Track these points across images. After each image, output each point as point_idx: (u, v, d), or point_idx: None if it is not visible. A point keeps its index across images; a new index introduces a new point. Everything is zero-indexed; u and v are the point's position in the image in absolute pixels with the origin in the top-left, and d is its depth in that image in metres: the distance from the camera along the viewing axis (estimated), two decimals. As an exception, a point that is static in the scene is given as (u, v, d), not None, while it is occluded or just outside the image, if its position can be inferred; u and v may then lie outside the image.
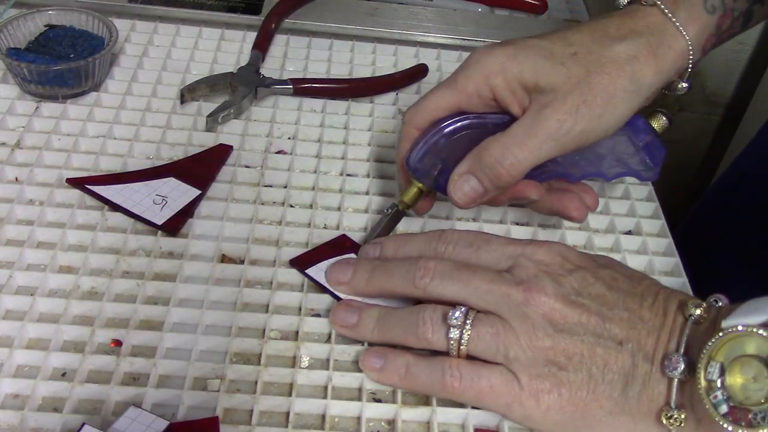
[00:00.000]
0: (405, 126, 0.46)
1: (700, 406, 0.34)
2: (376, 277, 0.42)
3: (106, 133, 0.53)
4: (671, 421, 0.35)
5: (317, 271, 0.45)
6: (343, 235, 0.47)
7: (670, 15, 0.43)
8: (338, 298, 0.44)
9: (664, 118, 0.46)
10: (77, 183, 0.48)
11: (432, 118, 0.45)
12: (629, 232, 0.52)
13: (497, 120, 0.45)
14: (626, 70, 0.42)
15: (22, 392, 0.38)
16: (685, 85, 0.45)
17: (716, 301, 0.37)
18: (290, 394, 0.39)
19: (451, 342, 0.38)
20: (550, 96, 0.42)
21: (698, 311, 0.36)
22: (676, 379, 0.35)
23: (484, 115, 0.45)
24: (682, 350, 0.36)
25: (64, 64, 0.53)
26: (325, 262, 0.45)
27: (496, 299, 0.38)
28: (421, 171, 0.45)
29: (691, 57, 0.44)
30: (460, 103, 0.44)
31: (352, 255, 0.46)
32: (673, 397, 0.35)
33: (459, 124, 0.45)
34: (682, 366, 0.35)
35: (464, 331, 0.38)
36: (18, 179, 0.49)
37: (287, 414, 0.39)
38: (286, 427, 0.38)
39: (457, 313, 0.38)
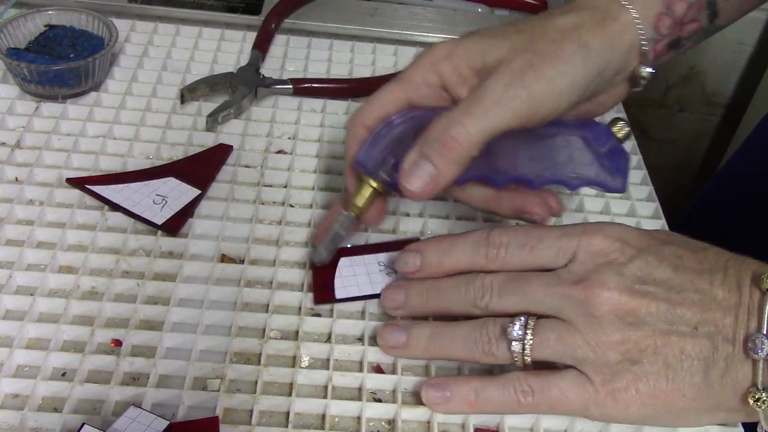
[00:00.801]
0: (352, 128, 0.42)
1: None
2: (431, 299, 0.41)
3: (106, 133, 0.53)
4: (759, 403, 0.34)
5: (344, 290, 0.44)
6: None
7: None
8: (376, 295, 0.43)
9: (625, 127, 0.44)
10: (77, 183, 0.48)
11: (381, 115, 0.42)
12: (629, 232, 0.52)
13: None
14: (572, 36, 0.40)
15: (22, 392, 0.38)
16: (648, 70, 0.43)
17: None
18: (290, 394, 0.39)
19: (515, 354, 0.37)
20: (496, 67, 0.40)
21: None
22: (762, 361, 0.34)
23: (436, 109, 0.41)
24: (765, 329, 0.34)
25: (64, 64, 0.53)
26: (343, 278, 0.44)
27: (556, 303, 0.37)
28: (371, 166, 0.41)
29: (641, 32, 0.42)
30: (408, 97, 0.42)
31: (354, 258, 0.46)
32: (759, 378, 0.34)
33: (409, 115, 0.41)
34: (767, 347, 0.34)
35: (525, 341, 0.37)
36: (18, 179, 0.49)
37: (287, 414, 0.39)
38: (286, 426, 0.38)
39: (516, 326, 0.37)
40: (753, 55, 1.20)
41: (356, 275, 0.45)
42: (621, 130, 0.43)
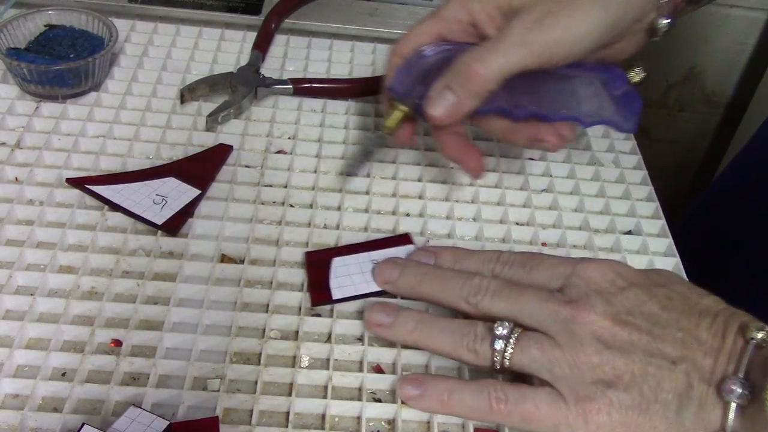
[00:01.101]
0: (390, 56, 0.47)
1: (763, 431, 0.33)
2: (426, 282, 0.42)
3: (106, 133, 0.53)
4: None
5: (340, 290, 0.44)
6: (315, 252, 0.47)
7: None
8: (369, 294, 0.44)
9: (641, 72, 0.47)
10: (77, 183, 0.48)
11: (416, 45, 0.46)
12: (629, 232, 0.52)
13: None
14: None
15: (22, 392, 0.38)
16: (666, 21, 0.45)
17: None
18: (290, 394, 0.39)
19: (496, 353, 0.38)
20: (520, 11, 0.43)
21: (761, 335, 0.35)
22: (733, 404, 0.34)
23: (464, 44, 0.45)
24: (741, 374, 0.34)
25: (64, 64, 0.53)
26: (338, 278, 0.44)
27: (545, 317, 0.38)
28: (402, 92, 0.45)
29: None
30: (441, 31, 0.46)
31: (347, 257, 0.46)
32: (729, 422, 0.34)
33: (440, 48, 0.46)
34: (741, 390, 0.34)
35: (508, 344, 0.38)
36: (18, 179, 0.49)
37: (287, 414, 0.39)
38: (286, 426, 0.38)
39: (505, 324, 0.38)
40: (753, 55, 1.20)
41: (351, 275, 0.45)
42: (637, 75, 0.47)
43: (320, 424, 0.39)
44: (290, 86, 0.57)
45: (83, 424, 0.35)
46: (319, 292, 0.44)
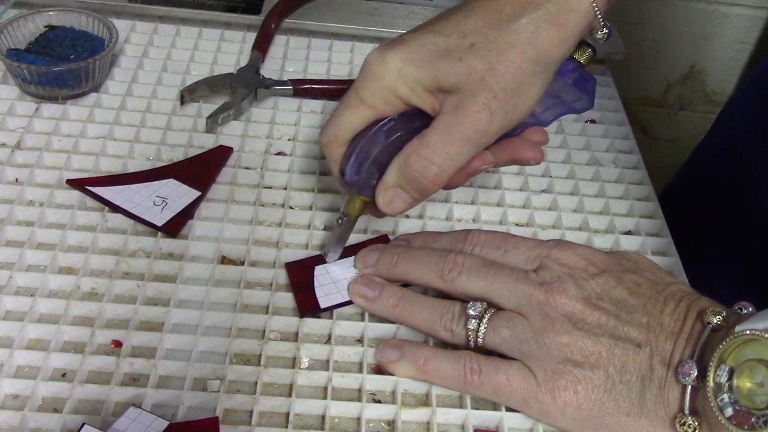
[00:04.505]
0: (328, 147, 0.43)
1: (712, 412, 0.34)
2: (402, 262, 0.43)
3: (106, 134, 0.53)
4: (685, 427, 0.35)
5: (327, 299, 0.44)
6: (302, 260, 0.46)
7: None
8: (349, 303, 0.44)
9: (588, 49, 0.44)
10: (77, 184, 0.48)
11: (351, 135, 0.42)
12: (629, 232, 0.52)
13: (419, 115, 0.42)
14: (529, 53, 0.39)
15: (22, 393, 0.38)
16: (605, 31, 0.41)
17: (741, 309, 0.37)
18: (290, 395, 0.39)
19: (470, 332, 0.40)
20: (458, 97, 0.39)
21: (716, 319, 0.36)
22: (689, 386, 0.35)
23: (405, 115, 0.42)
24: (696, 357, 0.36)
25: (65, 65, 0.53)
26: (323, 287, 0.44)
27: (519, 297, 0.39)
28: (359, 187, 0.43)
29: (597, 11, 0.40)
30: (374, 117, 0.41)
31: (329, 265, 0.46)
32: (686, 403, 0.35)
33: (385, 128, 0.42)
34: (695, 373, 0.35)
35: (482, 323, 0.39)
36: (18, 180, 0.49)
37: (287, 415, 0.39)
38: (286, 427, 0.38)
39: (477, 305, 0.40)
40: (754, 54, 1.20)
41: (335, 281, 0.45)
42: (583, 54, 0.44)
43: (320, 425, 0.39)
44: (290, 87, 0.57)
45: (83, 425, 0.35)
46: (305, 302, 0.44)
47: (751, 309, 0.37)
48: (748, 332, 0.34)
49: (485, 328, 0.39)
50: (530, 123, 0.44)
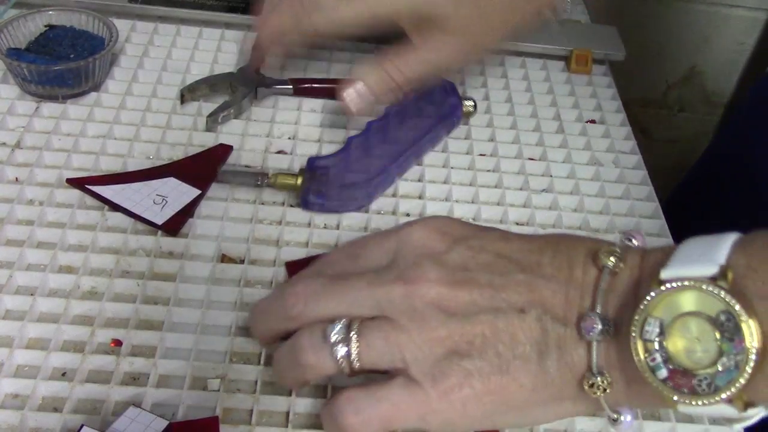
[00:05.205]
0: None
1: (630, 366, 0.30)
2: (257, 328, 0.39)
3: (106, 133, 0.53)
4: (594, 389, 0.31)
5: None
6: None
7: None
8: None
9: (472, 106, 0.57)
10: (77, 183, 0.48)
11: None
12: (629, 232, 0.52)
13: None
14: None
15: (22, 392, 0.38)
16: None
17: (630, 239, 0.33)
18: (290, 394, 0.39)
19: (340, 360, 0.34)
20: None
21: (612, 259, 0.32)
22: (595, 342, 0.31)
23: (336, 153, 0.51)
24: (598, 308, 0.31)
25: (65, 64, 0.53)
26: None
27: (378, 301, 0.34)
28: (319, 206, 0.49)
29: None
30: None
31: None
32: (594, 360, 0.31)
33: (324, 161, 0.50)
34: (600, 326, 0.31)
35: (351, 344, 0.34)
36: (18, 179, 0.49)
37: (287, 414, 0.39)
38: (286, 426, 0.38)
39: (337, 327, 0.34)
40: (753, 55, 1.20)
41: None
42: (468, 108, 0.57)
43: (320, 424, 0.39)
44: (290, 86, 0.57)
45: (82, 426, 0.35)
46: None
47: (641, 240, 0.33)
48: (686, 283, 0.29)
49: (357, 348, 0.33)
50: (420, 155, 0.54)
